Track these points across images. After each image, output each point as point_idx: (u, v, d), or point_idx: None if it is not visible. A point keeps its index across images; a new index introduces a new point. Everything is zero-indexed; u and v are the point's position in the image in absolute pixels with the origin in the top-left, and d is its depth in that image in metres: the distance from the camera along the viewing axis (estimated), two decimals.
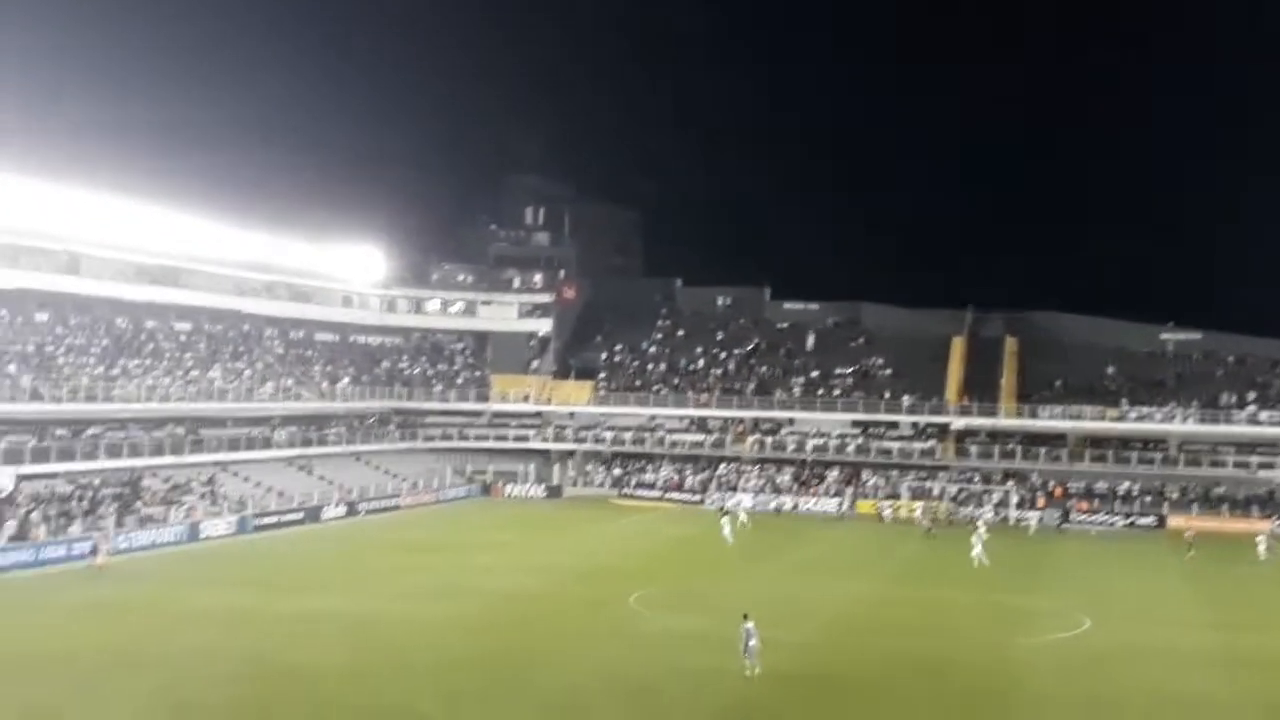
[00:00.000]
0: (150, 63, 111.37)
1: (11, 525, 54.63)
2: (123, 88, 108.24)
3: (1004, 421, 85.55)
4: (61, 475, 61.92)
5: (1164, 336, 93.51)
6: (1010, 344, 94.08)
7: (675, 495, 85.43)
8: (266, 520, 68.00)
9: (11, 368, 63.01)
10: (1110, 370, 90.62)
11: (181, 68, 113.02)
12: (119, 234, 72.81)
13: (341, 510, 74.26)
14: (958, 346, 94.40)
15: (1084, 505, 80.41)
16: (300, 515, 70.74)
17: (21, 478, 58.85)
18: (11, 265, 67.95)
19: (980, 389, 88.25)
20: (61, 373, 65.59)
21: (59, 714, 29.95)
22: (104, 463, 63.85)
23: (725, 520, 66.21)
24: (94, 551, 53.73)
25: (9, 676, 33.79)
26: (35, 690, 32.29)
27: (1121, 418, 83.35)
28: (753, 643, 34.42)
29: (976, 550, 58.88)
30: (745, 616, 35.13)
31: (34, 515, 56.26)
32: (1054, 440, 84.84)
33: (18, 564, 52.26)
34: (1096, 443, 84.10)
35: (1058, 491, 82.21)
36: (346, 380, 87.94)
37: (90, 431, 64.81)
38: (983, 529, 63.92)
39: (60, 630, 40.18)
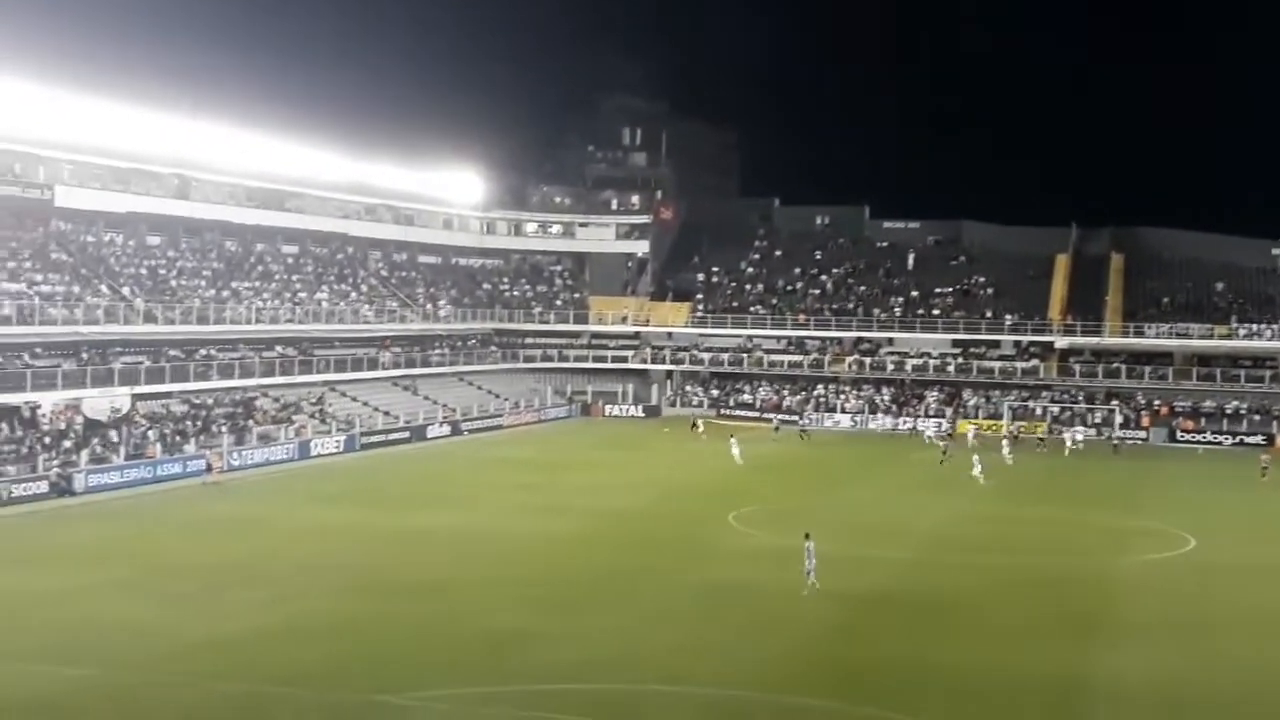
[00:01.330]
0: None
1: (119, 439, 56.56)
2: (230, 21, 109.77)
3: (1109, 340, 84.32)
4: (176, 395, 63.86)
5: (1275, 252, 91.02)
6: (1116, 261, 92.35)
7: (773, 415, 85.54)
8: (374, 439, 69.60)
9: (126, 290, 64.88)
10: (1219, 287, 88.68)
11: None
12: (226, 159, 74.36)
13: (446, 429, 75.72)
14: (1062, 264, 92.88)
15: (1190, 424, 79.25)
16: (406, 434, 72.29)
17: (137, 397, 60.84)
18: (124, 190, 69.73)
19: (1085, 307, 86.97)
20: (175, 295, 67.37)
21: (182, 625, 31.25)
22: (216, 383, 65.68)
23: (734, 441, 65.23)
24: (209, 469, 55.61)
25: (134, 588, 35.28)
26: (158, 602, 33.70)
27: (1230, 335, 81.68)
28: (812, 562, 34.70)
29: (976, 471, 58.20)
30: (807, 536, 35.37)
31: (150, 434, 58.19)
32: (1160, 359, 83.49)
33: (137, 480, 54.26)
34: (1204, 361, 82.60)
35: (1163, 410, 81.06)
36: (444, 301, 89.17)
37: (202, 352, 66.62)
38: (1006, 448, 65.64)
39: (179, 544, 41.78)
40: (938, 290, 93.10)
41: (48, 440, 54.16)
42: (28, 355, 57.22)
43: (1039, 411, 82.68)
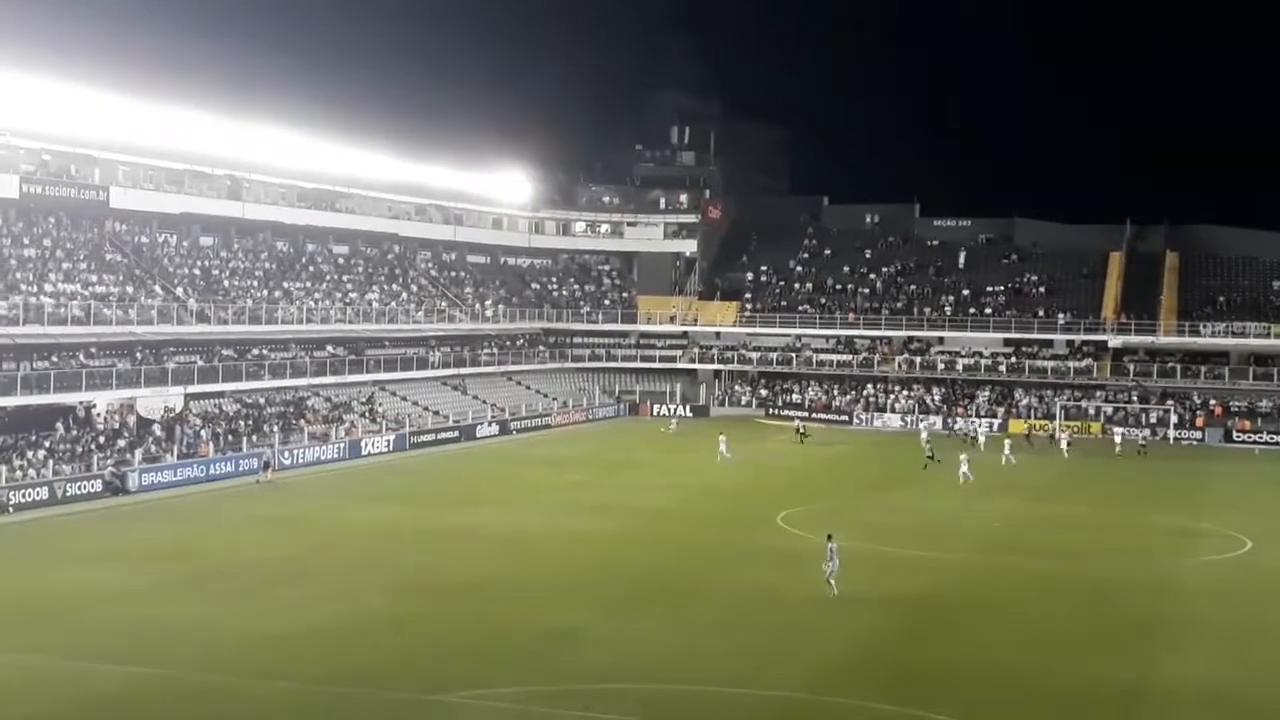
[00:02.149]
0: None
1: (170, 437, 57.10)
2: (280, 23, 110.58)
3: (1163, 339, 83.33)
4: (228, 394, 64.41)
5: None
6: (1171, 259, 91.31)
7: (823, 415, 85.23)
8: (423, 438, 69.88)
9: (179, 290, 65.48)
10: (1276, 285, 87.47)
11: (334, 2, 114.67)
12: (278, 160, 74.92)
13: (494, 429, 75.96)
14: (1115, 262, 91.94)
15: (1246, 424, 78.19)
16: (455, 433, 72.54)
17: (190, 397, 61.42)
18: (177, 191, 70.47)
19: (1139, 306, 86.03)
20: (227, 295, 67.93)
21: (239, 623, 31.48)
22: (268, 382, 66.18)
23: (722, 439, 64.56)
24: (266, 467, 56.17)
25: (190, 586, 35.60)
26: (215, 600, 34.00)
27: None
28: (835, 563, 34.07)
29: (963, 469, 57.55)
30: (829, 537, 34.87)
31: (203, 433, 58.68)
32: (1216, 358, 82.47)
33: (189, 479, 54.72)
34: (1260, 360, 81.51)
35: (1218, 410, 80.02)
36: (491, 300, 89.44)
37: (254, 352, 67.12)
38: (1007, 448, 64.95)
39: (233, 542, 42.08)
40: (989, 289, 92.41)
41: (102, 439, 54.75)
42: (83, 355, 57.84)
43: (1092, 411, 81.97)
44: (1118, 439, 73.47)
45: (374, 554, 40.16)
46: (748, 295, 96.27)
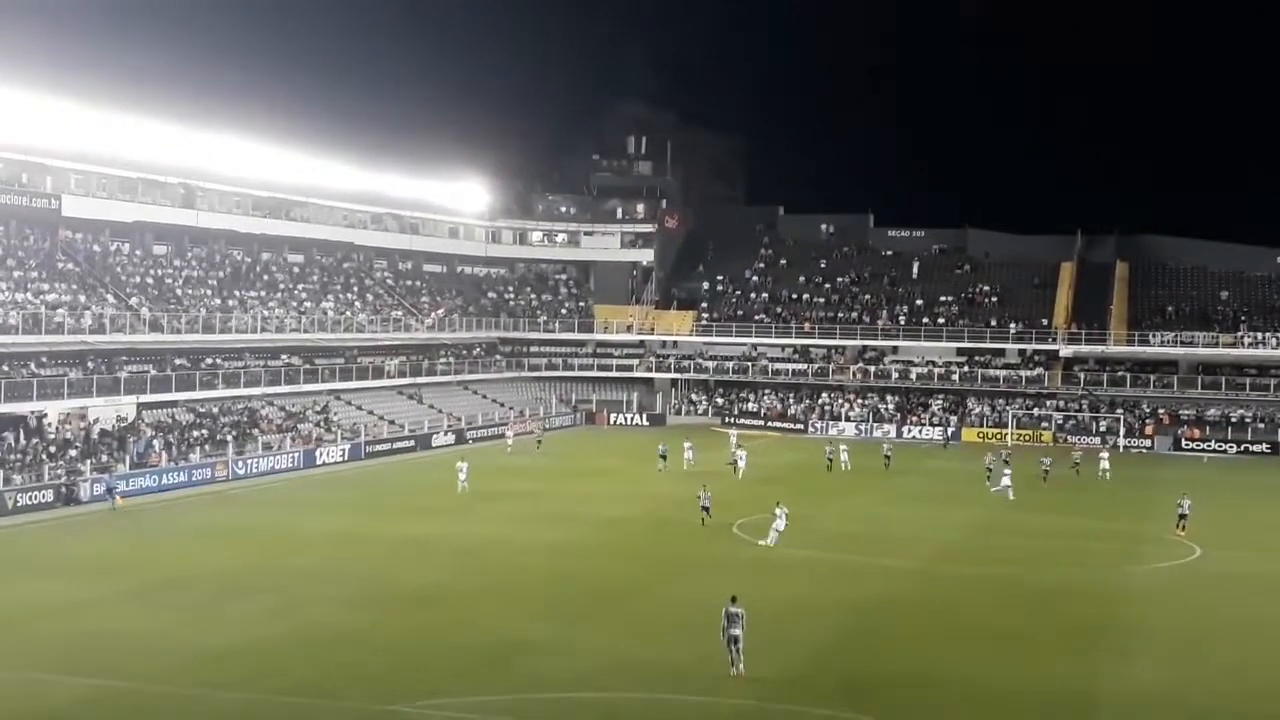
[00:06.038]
0: (258, 5, 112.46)
1: (124, 448, 56.62)
2: (235, 32, 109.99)
3: (1113, 349, 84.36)
4: (182, 404, 63.92)
5: None
6: (1121, 269, 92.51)
7: (778, 424, 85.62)
8: (379, 447, 69.66)
9: (132, 299, 64.96)
10: (1224, 295, 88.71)
11: (288, 8, 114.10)
12: (232, 169, 74.52)
13: (450, 438, 75.76)
14: (1067, 272, 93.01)
15: (1195, 433, 79.18)
16: (411, 443, 72.32)
17: (143, 406, 60.93)
18: (130, 199, 69.96)
19: (1089, 316, 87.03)
20: (180, 304, 67.46)
21: (192, 635, 31.26)
22: (222, 391, 65.77)
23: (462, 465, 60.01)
24: (109, 492, 51.08)
25: (142, 598, 35.32)
26: (167, 611, 33.73)
27: (1235, 344, 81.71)
28: (736, 631, 28.07)
29: (1004, 482, 57.91)
30: (733, 600, 28.69)
31: (155, 443, 58.21)
32: (1165, 367, 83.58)
33: (142, 489, 54.24)
34: (1209, 369, 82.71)
35: (1167, 419, 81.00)
36: (443, 311, 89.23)
37: (208, 361, 66.68)
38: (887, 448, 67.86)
39: (186, 553, 41.70)
40: (942, 298, 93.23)
41: (53, 449, 54.20)
42: (34, 364, 57.30)
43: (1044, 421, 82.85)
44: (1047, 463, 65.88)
45: (329, 564, 39.99)
46: (704, 304, 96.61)
